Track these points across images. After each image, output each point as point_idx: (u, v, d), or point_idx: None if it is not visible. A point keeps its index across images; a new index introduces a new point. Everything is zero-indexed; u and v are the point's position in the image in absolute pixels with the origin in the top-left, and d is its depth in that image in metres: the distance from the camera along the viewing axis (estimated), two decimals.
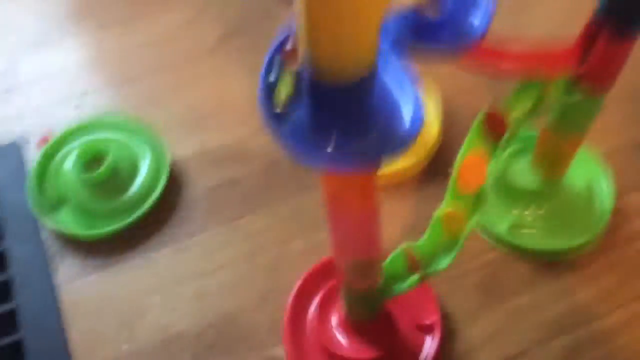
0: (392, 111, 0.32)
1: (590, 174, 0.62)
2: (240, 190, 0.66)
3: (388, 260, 0.49)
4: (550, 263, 0.59)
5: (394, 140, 0.31)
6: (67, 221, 0.64)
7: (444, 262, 0.47)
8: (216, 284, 0.60)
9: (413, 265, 0.48)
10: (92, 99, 0.75)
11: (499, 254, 0.60)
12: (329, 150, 0.30)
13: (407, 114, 0.31)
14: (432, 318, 0.55)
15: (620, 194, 0.62)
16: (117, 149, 0.66)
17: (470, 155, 0.48)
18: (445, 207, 0.48)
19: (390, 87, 0.32)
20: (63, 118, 0.73)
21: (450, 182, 0.48)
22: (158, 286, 0.60)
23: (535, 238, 0.59)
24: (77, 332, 0.57)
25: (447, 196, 0.48)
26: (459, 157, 0.48)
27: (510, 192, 0.61)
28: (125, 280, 0.60)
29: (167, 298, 0.59)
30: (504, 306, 0.57)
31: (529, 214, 0.60)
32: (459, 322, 0.56)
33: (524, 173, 0.60)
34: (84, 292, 0.60)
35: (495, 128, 0.49)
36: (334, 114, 0.29)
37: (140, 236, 0.63)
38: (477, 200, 0.47)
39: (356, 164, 0.32)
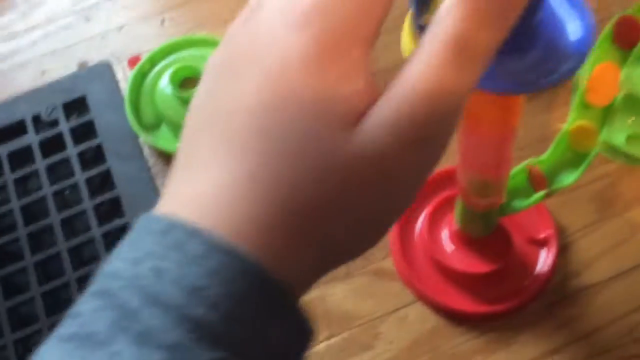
0: (558, 28, 0.29)
1: None
2: None
3: (510, 176, 0.47)
4: None
5: (558, 60, 0.28)
6: (166, 139, 0.65)
7: (570, 179, 0.46)
8: None
9: (538, 181, 0.46)
10: (177, 15, 0.73)
11: (616, 166, 0.57)
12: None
13: (574, 32, 0.29)
14: (546, 232, 0.54)
15: None
16: None
17: (600, 65, 0.45)
18: (573, 120, 0.46)
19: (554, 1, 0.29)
20: (150, 36, 0.72)
21: (578, 94, 0.46)
22: None
23: None
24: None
25: (575, 109, 0.46)
26: (586, 67, 0.45)
27: (629, 100, 0.57)
28: None
29: None
30: (621, 219, 0.55)
31: None
32: (573, 236, 0.55)
33: None
34: None
35: (627, 35, 0.46)
36: None
37: None
38: (608, 112, 0.45)
39: (513, 85, 0.29)
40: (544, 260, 0.53)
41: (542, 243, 0.54)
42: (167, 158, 0.64)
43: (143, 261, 0.22)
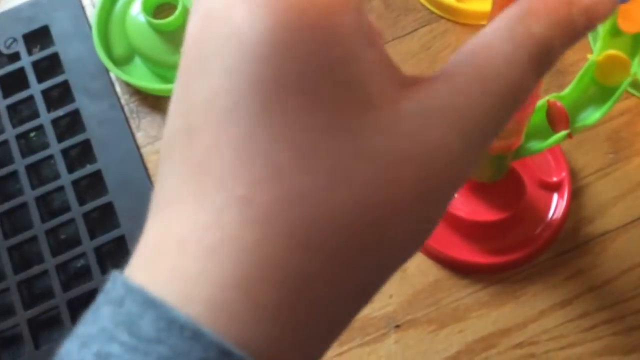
0: None
1: None
2: None
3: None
4: None
5: None
6: (140, 74, 0.59)
7: (594, 116, 0.41)
8: None
9: (559, 119, 0.41)
10: None
11: (635, 102, 0.52)
12: None
13: None
14: (559, 175, 0.50)
15: None
16: None
17: None
18: (601, 50, 0.40)
19: None
20: None
21: (609, 19, 0.40)
22: None
23: None
24: None
25: (603, 37, 0.40)
26: None
27: None
28: None
29: None
30: (639, 160, 0.51)
31: None
32: (587, 179, 0.51)
33: None
34: None
35: None
36: None
37: None
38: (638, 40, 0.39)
39: None
40: (556, 206, 0.49)
41: (554, 187, 0.49)
42: (141, 95, 0.58)
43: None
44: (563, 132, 0.40)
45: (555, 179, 0.49)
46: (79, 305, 0.51)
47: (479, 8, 0.56)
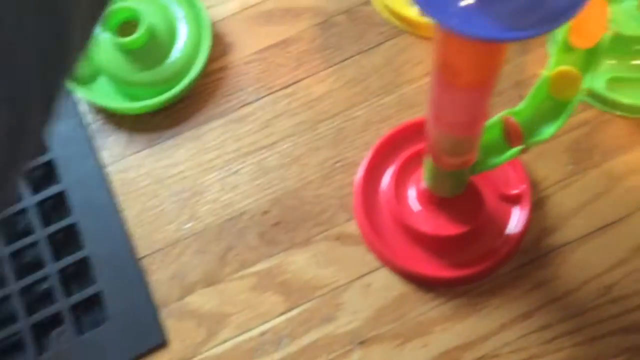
0: None
1: None
2: (293, 51, 0.58)
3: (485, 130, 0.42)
4: None
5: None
6: (104, 93, 0.58)
7: (549, 131, 0.41)
8: (276, 158, 0.54)
9: (514, 135, 0.41)
10: None
11: (594, 113, 0.53)
12: (467, 3, 0.22)
13: None
14: (519, 187, 0.50)
15: None
16: (151, 11, 0.57)
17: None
18: (554, 65, 0.41)
19: None
20: None
21: (560, 35, 0.40)
22: (214, 162, 0.55)
23: (636, 93, 0.52)
24: (133, 213, 0.54)
25: (556, 52, 0.41)
26: None
27: (614, 42, 0.52)
28: (177, 157, 0.55)
29: (226, 175, 0.54)
30: (598, 170, 0.51)
31: (632, 66, 0.52)
32: (548, 190, 0.51)
33: (629, 17, 0.51)
34: (134, 171, 0.55)
35: None
36: None
37: (188, 108, 0.57)
38: (593, 56, 0.40)
39: (502, 29, 0.24)
40: (517, 218, 0.49)
41: (515, 199, 0.50)
42: (106, 114, 0.58)
43: None
44: (518, 148, 0.41)
45: (515, 191, 0.50)
46: (43, 329, 0.51)
47: None
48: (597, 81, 0.52)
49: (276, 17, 0.59)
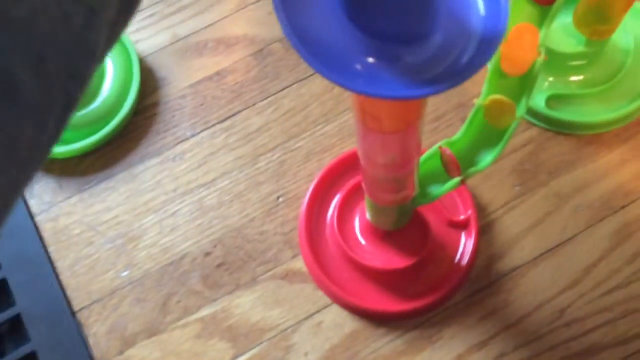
0: (462, 7, 0.22)
1: (637, 33, 0.53)
2: (229, 83, 0.56)
3: (422, 161, 0.41)
4: (594, 136, 0.52)
5: (465, 45, 0.21)
6: None
7: (487, 160, 0.40)
8: (216, 195, 0.52)
9: (452, 166, 0.40)
10: None
11: (537, 132, 0.52)
12: (366, 62, 0.21)
13: (481, 11, 0.22)
14: (466, 212, 0.49)
15: None
16: None
17: (516, 27, 0.38)
18: (487, 94, 0.40)
19: None
20: None
21: (492, 63, 0.39)
22: (150, 204, 0.52)
23: (577, 109, 0.51)
24: (67, 263, 0.51)
25: (489, 80, 0.40)
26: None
27: (548, 59, 0.52)
28: (111, 201, 0.53)
29: (163, 217, 0.52)
30: (545, 189, 0.51)
31: (570, 82, 0.52)
32: (495, 213, 0.50)
33: (565, 34, 0.51)
34: (65, 218, 0.52)
35: None
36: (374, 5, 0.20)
37: (121, 149, 0.54)
38: (527, 81, 0.39)
39: (409, 88, 0.22)
40: (464, 245, 0.48)
41: (463, 225, 0.49)
42: None
43: None
44: (456, 179, 0.40)
45: (462, 217, 0.49)
46: None
47: None
48: (537, 100, 0.51)
49: (209, 48, 0.57)
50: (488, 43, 0.21)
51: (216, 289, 0.49)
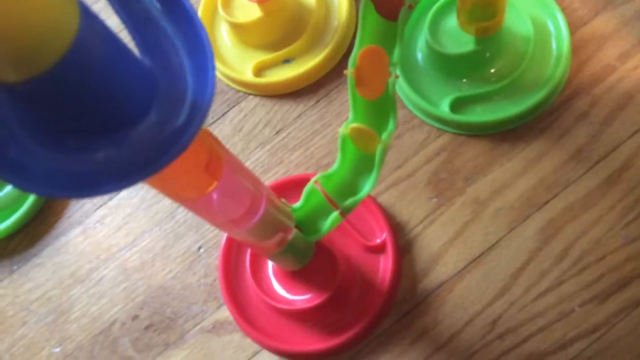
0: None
1: (534, 14, 0.51)
2: None
3: (303, 199, 0.40)
4: (507, 133, 0.49)
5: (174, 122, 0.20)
6: None
7: (366, 188, 0.39)
8: (138, 256, 0.52)
9: (329, 199, 0.39)
10: None
11: (448, 138, 0.50)
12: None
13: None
14: (381, 236, 0.47)
15: (573, 31, 0.51)
16: None
17: (364, 50, 0.37)
18: (353, 120, 0.38)
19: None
20: None
21: (350, 90, 0.38)
22: (76, 275, 0.52)
23: (485, 108, 0.49)
24: (5, 347, 0.51)
25: (352, 106, 0.39)
26: (352, 53, 0.38)
27: (442, 63, 0.50)
28: (39, 278, 0.53)
29: (90, 286, 0.52)
30: (463, 197, 0.49)
31: (471, 83, 0.50)
32: (416, 229, 0.48)
33: (452, 36, 0.49)
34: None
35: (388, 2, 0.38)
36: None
37: (44, 224, 0.55)
38: (386, 101, 0.37)
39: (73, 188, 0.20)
40: (383, 269, 0.46)
41: (379, 250, 0.47)
42: None
43: None
44: (335, 214, 0.38)
45: (378, 240, 0.47)
46: None
47: (277, 79, 0.54)
48: (441, 106, 0.50)
49: None
50: (196, 112, 0.20)
51: (146, 351, 0.49)
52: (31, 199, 0.54)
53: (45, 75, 0.16)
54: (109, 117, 0.19)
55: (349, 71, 0.37)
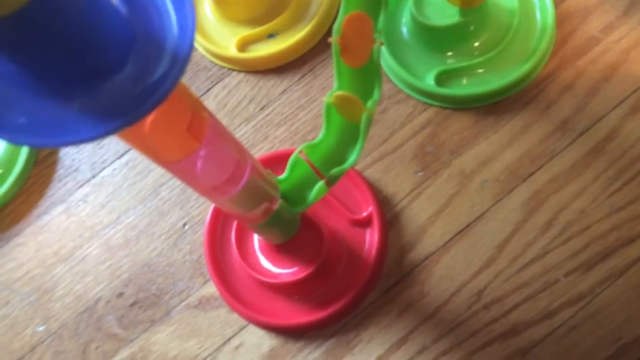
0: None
1: None
2: None
3: (288, 169, 0.40)
4: (493, 106, 0.49)
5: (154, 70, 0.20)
6: None
7: (352, 158, 0.38)
8: (122, 233, 0.51)
9: (314, 169, 0.39)
10: None
11: (434, 112, 0.50)
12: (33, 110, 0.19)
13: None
14: (367, 209, 0.47)
15: (557, 3, 0.51)
16: None
17: (349, 16, 0.37)
18: (338, 89, 0.38)
19: None
20: None
21: (335, 57, 0.38)
22: (60, 254, 0.52)
23: (470, 82, 0.49)
24: None
25: (337, 74, 0.38)
26: (337, 21, 0.37)
27: (427, 36, 0.50)
28: (22, 257, 0.52)
29: (74, 264, 0.51)
30: (449, 169, 0.48)
31: (456, 56, 0.49)
32: (401, 203, 0.48)
33: (437, 8, 0.49)
34: None
35: None
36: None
37: (26, 203, 0.54)
38: (371, 69, 0.37)
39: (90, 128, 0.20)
40: (369, 242, 0.46)
41: (365, 223, 0.47)
42: None
43: None
44: (320, 184, 0.38)
45: (364, 214, 0.47)
46: None
47: (261, 54, 0.53)
48: (427, 79, 0.49)
49: None
50: (177, 60, 0.19)
51: (132, 328, 0.49)
52: (12, 178, 0.53)
53: (16, 14, 0.15)
54: (85, 65, 0.19)
55: (334, 38, 0.37)
